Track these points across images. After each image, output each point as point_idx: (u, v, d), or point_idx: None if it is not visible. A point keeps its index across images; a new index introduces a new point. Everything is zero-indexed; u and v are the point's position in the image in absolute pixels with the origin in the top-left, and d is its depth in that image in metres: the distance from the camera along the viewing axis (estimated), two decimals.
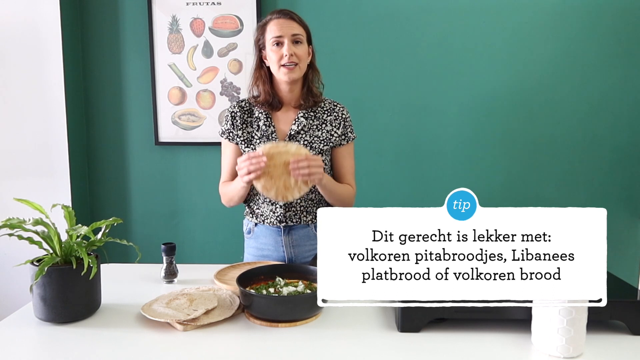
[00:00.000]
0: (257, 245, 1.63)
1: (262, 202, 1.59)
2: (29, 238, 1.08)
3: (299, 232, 1.59)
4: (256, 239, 1.63)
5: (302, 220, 1.58)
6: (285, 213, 1.56)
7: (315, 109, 1.59)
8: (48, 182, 2.42)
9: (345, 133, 1.60)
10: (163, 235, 2.58)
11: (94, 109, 2.57)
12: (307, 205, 1.58)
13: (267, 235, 1.61)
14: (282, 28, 1.48)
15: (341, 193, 1.55)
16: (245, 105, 1.61)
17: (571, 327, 0.89)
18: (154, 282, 1.34)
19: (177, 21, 2.45)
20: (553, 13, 2.37)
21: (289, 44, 1.47)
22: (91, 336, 1.02)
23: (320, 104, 1.60)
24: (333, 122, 1.59)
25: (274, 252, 1.61)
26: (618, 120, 2.42)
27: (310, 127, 1.57)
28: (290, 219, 1.57)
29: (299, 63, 1.49)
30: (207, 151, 2.54)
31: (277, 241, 1.60)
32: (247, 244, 1.68)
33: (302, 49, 1.51)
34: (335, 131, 1.58)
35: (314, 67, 1.59)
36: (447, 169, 2.49)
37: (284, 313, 1.06)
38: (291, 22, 1.50)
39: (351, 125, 1.62)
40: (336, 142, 1.58)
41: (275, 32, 1.49)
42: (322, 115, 1.59)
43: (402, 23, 2.42)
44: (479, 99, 2.44)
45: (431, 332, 1.02)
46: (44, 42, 2.36)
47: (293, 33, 1.49)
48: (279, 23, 1.50)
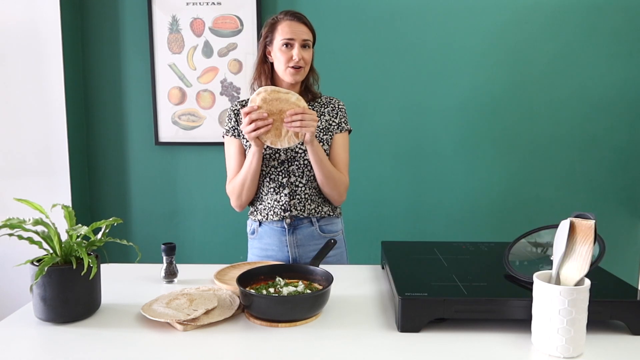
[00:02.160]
0: (261, 245, 1.64)
1: (266, 194, 1.59)
2: (29, 238, 1.08)
3: (303, 231, 1.60)
4: (260, 239, 1.64)
5: (306, 209, 1.58)
6: (289, 201, 1.57)
7: (313, 103, 1.63)
8: (48, 182, 2.42)
9: (340, 122, 1.62)
10: (163, 235, 2.58)
11: (94, 109, 2.57)
12: (312, 194, 1.59)
13: (271, 235, 1.61)
14: (294, 31, 1.51)
15: (332, 170, 1.55)
16: (246, 104, 1.61)
17: (571, 327, 0.89)
18: (154, 282, 1.34)
19: (177, 21, 2.45)
20: (553, 13, 2.37)
21: (298, 48, 1.51)
22: (91, 336, 1.02)
23: (318, 100, 1.64)
24: (330, 112, 1.62)
25: (278, 252, 1.61)
26: (618, 120, 2.42)
27: None
28: (295, 207, 1.58)
29: (305, 67, 1.53)
30: (207, 151, 2.54)
31: (281, 241, 1.60)
32: (251, 244, 1.68)
33: (309, 53, 1.55)
34: (334, 120, 1.61)
35: (312, 68, 1.61)
36: (447, 169, 2.49)
37: (284, 313, 1.06)
38: (302, 26, 1.53)
39: (346, 117, 1.64)
40: (334, 131, 1.61)
41: (287, 34, 1.51)
42: (320, 108, 1.63)
43: (401, 23, 2.42)
44: (478, 99, 2.44)
45: (431, 332, 1.02)
46: (44, 42, 2.36)
47: (304, 38, 1.52)
48: (291, 25, 1.52)
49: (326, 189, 1.57)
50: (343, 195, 1.62)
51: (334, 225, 1.65)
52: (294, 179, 1.57)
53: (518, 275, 1.13)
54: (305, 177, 1.57)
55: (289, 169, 1.57)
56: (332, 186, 1.56)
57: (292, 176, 1.57)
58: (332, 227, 1.64)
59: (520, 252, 1.22)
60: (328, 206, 1.63)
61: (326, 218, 1.63)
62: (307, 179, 1.58)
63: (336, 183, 1.57)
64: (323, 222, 1.62)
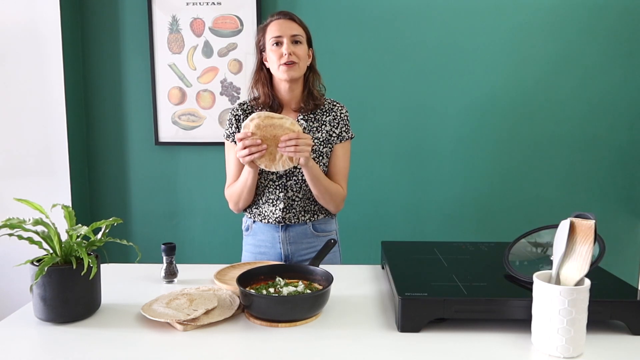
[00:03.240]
0: (254, 242, 1.64)
1: (263, 203, 1.59)
2: (29, 238, 1.08)
3: (296, 229, 1.60)
4: (254, 235, 1.64)
5: (301, 220, 1.59)
6: (284, 215, 1.57)
7: (316, 110, 1.60)
8: (48, 182, 2.42)
9: (341, 132, 1.60)
10: (163, 235, 2.58)
11: (94, 109, 2.57)
12: (306, 205, 1.59)
13: (264, 232, 1.62)
14: (282, 28, 1.50)
15: (327, 186, 1.54)
16: (247, 108, 1.61)
17: (571, 327, 0.89)
18: (154, 282, 1.34)
19: (177, 21, 2.45)
20: (553, 13, 2.37)
21: (288, 43, 1.49)
22: (91, 336, 1.02)
23: (321, 107, 1.61)
24: (332, 121, 1.59)
25: (271, 248, 1.61)
26: (618, 120, 2.42)
27: (310, 130, 1.57)
28: (289, 220, 1.58)
29: (299, 62, 1.50)
30: (207, 151, 2.54)
31: (274, 237, 1.60)
32: (245, 241, 1.69)
33: (302, 49, 1.52)
34: (334, 130, 1.59)
35: (314, 69, 1.60)
36: (447, 169, 2.49)
37: (284, 313, 1.06)
38: (291, 22, 1.52)
39: (347, 125, 1.62)
40: (334, 142, 1.59)
41: (274, 32, 1.50)
42: (322, 116, 1.60)
43: (402, 23, 2.42)
44: (478, 99, 2.44)
45: (431, 332, 1.02)
46: (44, 42, 2.36)
47: (292, 33, 1.50)
48: (279, 23, 1.51)
49: (322, 202, 1.58)
50: (340, 206, 1.62)
51: (327, 224, 1.65)
52: (291, 194, 1.57)
53: (518, 275, 1.13)
54: (302, 192, 1.57)
55: (286, 184, 1.56)
56: (328, 200, 1.57)
57: (290, 191, 1.57)
58: (325, 226, 1.64)
59: (520, 252, 1.22)
60: (324, 213, 1.63)
61: (321, 219, 1.63)
62: (304, 194, 1.57)
63: (332, 197, 1.56)
64: (317, 222, 1.62)
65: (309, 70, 1.58)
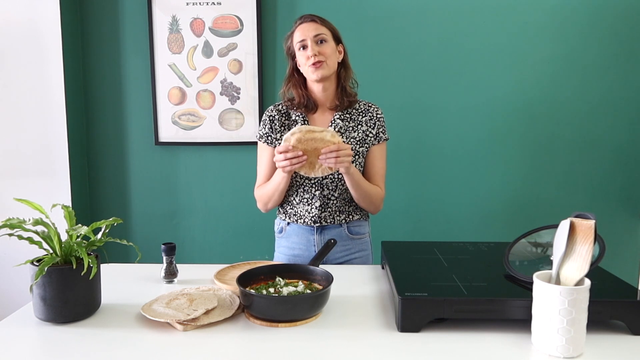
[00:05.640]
0: (288, 244, 1.64)
1: (298, 203, 1.59)
2: (29, 238, 1.08)
3: (331, 231, 1.60)
4: (288, 237, 1.64)
5: (336, 220, 1.60)
6: (320, 214, 1.58)
7: (351, 110, 1.61)
8: (48, 182, 2.42)
9: (378, 133, 1.61)
10: (163, 235, 2.58)
11: (94, 109, 2.57)
12: (341, 205, 1.59)
13: (299, 234, 1.62)
14: (304, 31, 1.53)
15: (368, 189, 1.55)
16: (282, 109, 1.63)
17: (571, 327, 0.89)
18: (154, 282, 1.34)
19: (177, 21, 2.45)
20: (554, 14, 2.37)
21: (312, 45, 1.52)
22: (91, 336, 1.02)
23: (355, 106, 1.62)
24: (368, 122, 1.61)
25: (305, 251, 1.61)
26: (618, 120, 2.42)
27: (346, 129, 1.58)
28: (325, 219, 1.59)
29: (326, 60, 1.52)
30: (207, 151, 2.54)
31: (309, 240, 1.61)
32: (278, 243, 1.68)
33: (328, 47, 1.54)
34: (370, 131, 1.60)
35: (346, 65, 1.61)
36: (447, 169, 2.49)
37: (284, 313, 1.06)
38: (313, 24, 1.55)
39: (384, 126, 1.63)
40: (370, 142, 1.60)
41: (299, 37, 1.54)
42: (358, 116, 1.61)
43: (403, 23, 2.42)
44: (479, 99, 2.44)
45: (431, 332, 1.02)
46: (44, 42, 2.36)
47: (315, 34, 1.53)
48: (301, 28, 1.55)
49: (363, 205, 1.59)
50: (379, 207, 1.63)
51: (362, 227, 1.66)
52: (327, 192, 1.57)
53: (518, 275, 1.13)
54: (338, 191, 1.58)
55: (322, 182, 1.57)
56: (368, 203, 1.58)
57: (326, 189, 1.57)
58: (360, 229, 1.65)
59: (520, 252, 1.22)
60: (359, 214, 1.64)
61: (355, 220, 1.63)
62: (340, 192, 1.58)
63: (372, 199, 1.58)
64: (352, 224, 1.62)
65: (340, 67, 1.60)
